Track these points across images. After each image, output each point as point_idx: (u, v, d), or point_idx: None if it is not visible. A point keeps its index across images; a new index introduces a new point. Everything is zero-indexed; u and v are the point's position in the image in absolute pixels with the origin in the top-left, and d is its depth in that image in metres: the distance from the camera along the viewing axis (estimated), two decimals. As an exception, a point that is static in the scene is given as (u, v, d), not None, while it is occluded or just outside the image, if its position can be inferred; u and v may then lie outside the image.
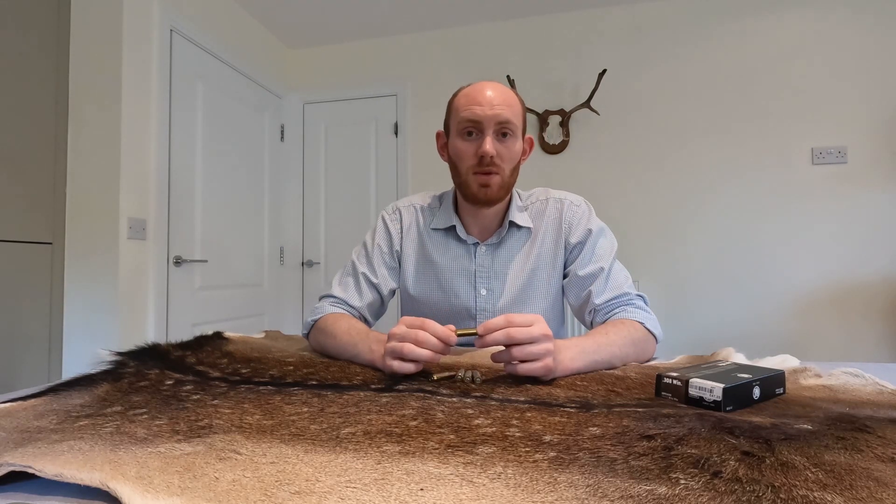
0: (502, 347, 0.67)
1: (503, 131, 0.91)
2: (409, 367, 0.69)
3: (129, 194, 2.02)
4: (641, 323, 0.86)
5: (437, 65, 2.96)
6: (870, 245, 2.38)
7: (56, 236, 1.96)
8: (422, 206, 1.07)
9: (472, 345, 1.00)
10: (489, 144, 0.90)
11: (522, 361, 0.66)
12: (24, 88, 1.83)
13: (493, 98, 0.91)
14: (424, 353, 0.68)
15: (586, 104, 2.65)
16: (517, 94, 0.96)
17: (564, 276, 1.01)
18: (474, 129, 0.92)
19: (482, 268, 1.00)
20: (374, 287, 1.02)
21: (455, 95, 0.97)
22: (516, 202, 1.02)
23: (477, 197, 0.95)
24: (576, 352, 0.73)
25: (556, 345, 0.71)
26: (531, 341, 0.65)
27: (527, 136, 0.99)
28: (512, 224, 1.00)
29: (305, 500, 0.34)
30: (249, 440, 0.45)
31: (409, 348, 0.68)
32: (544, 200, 1.03)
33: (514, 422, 0.50)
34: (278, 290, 3.06)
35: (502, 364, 0.69)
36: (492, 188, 0.93)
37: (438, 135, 1.02)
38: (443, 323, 0.71)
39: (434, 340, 0.68)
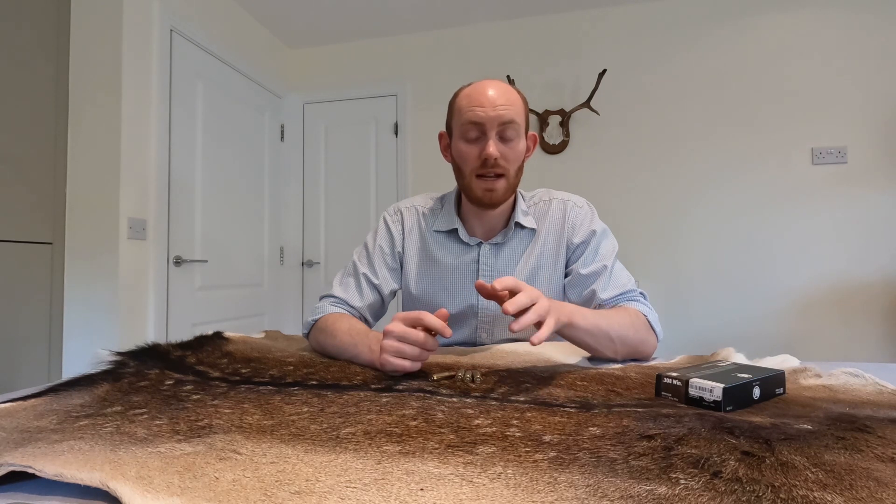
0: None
1: (506, 132, 0.90)
2: (410, 365, 0.69)
3: (129, 194, 2.02)
4: (645, 315, 0.87)
5: (437, 65, 2.96)
6: (870, 245, 2.38)
7: (56, 236, 1.96)
8: (423, 208, 1.07)
9: (471, 344, 1.00)
10: (493, 147, 0.89)
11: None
12: (24, 88, 1.83)
13: (495, 98, 0.89)
14: (424, 353, 0.69)
15: (586, 104, 2.65)
16: (519, 92, 0.95)
17: (566, 276, 1.01)
18: (477, 130, 0.91)
19: (485, 266, 1.00)
20: (375, 288, 1.02)
21: (456, 96, 0.96)
22: (520, 204, 1.02)
23: (482, 201, 0.95)
24: (574, 308, 0.77)
25: (555, 302, 0.74)
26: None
27: (530, 133, 0.98)
28: (517, 225, 1.00)
29: (305, 500, 0.34)
30: (249, 440, 0.45)
31: (405, 348, 0.69)
32: (547, 201, 1.04)
33: (514, 422, 0.50)
34: (278, 290, 3.06)
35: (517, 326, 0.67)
36: (497, 192, 0.93)
37: (441, 136, 1.02)
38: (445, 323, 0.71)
39: (421, 336, 0.69)
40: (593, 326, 0.77)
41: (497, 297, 0.69)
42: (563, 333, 0.77)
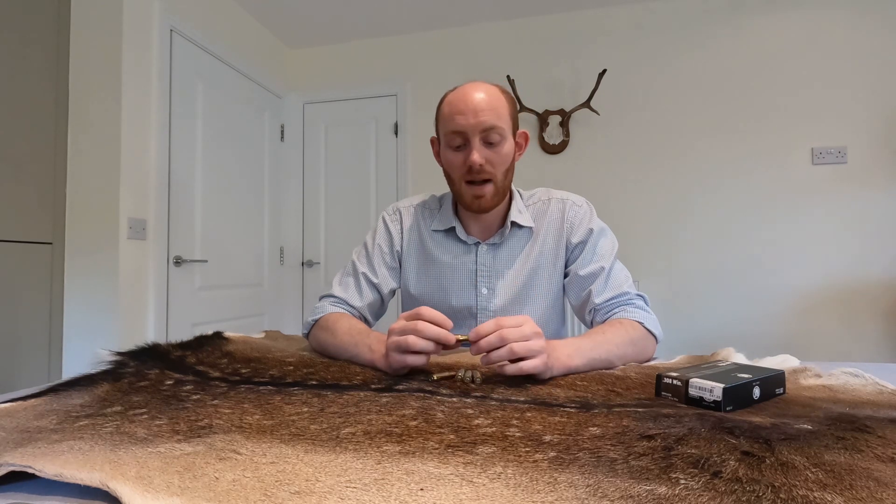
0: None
1: (490, 137, 0.90)
2: (414, 360, 0.69)
3: (129, 194, 2.02)
4: (640, 322, 0.87)
5: (437, 65, 2.96)
6: (870, 245, 2.38)
7: (56, 236, 1.96)
8: (422, 208, 1.07)
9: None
10: (476, 154, 0.89)
11: (520, 359, 0.66)
12: (24, 88, 1.83)
13: (476, 105, 0.89)
14: (427, 343, 0.68)
15: (586, 104, 2.65)
16: (504, 91, 0.94)
17: (565, 276, 1.01)
18: (460, 139, 0.91)
19: (483, 267, 1.01)
20: (375, 287, 1.02)
21: (441, 102, 0.96)
22: (517, 202, 1.02)
23: (471, 207, 0.95)
24: (572, 350, 0.73)
25: (552, 344, 0.72)
26: (524, 339, 0.66)
27: (520, 131, 0.98)
28: (514, 224, 1.00)
29: (305, 500, 0.34)
30: (249, 440, 0.45)
31: (413, 340, 0.68)
32: (546, 200, 1.04)
33: (514, 422, 0.50)
34: (278, 290, 3.06)
35: (496, 366, 0.68)
36: (485, 198, 0.93)
37: (432, 141, 1.02)
38: None
39: (434, 330, 0.68)
40: (592, 361, 0.75)
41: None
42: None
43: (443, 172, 0.99)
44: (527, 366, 0.65)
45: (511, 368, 0.66)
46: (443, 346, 0.69)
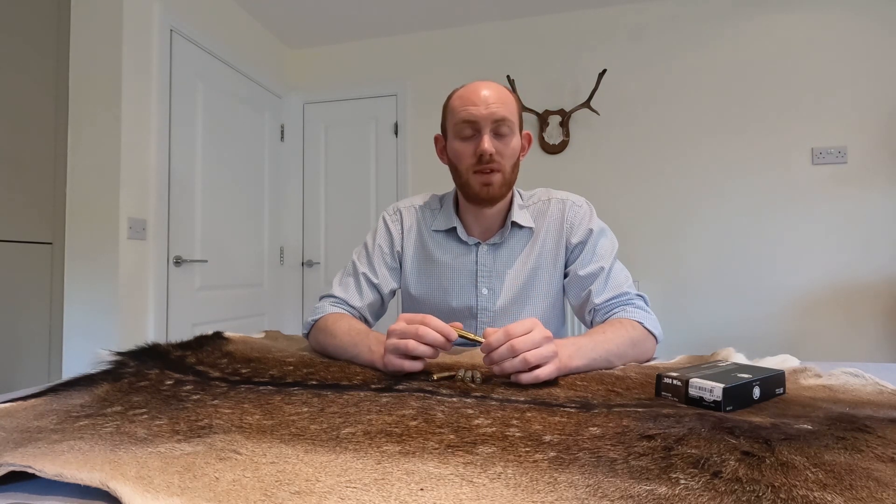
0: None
1: (500, 129, 0.92)
2: (410, 365, 0.69)
3: (129, 194, 2.02)
4: (640, 322, 0.87)
5: (437, 65, 2.96)
6: (869, 245, 2.38)
7: (56, 236, 1.96)
8: (423, 208, 1.07)
9: (471, 344, 1.00)
10: (487, 143, 0.90)
11: (533, 368, 0.65)
12: (24, 88, 1.83)
13: (488, 97, 0.91)
14: (427, 349, 0.68)
15: (586, 104, 2.65)
16: (512, 92, 0.96)
17: (565, 276, 1.01)
18: (471, 129, 0.92)
19: (484, 267, 1.01)
20: (375, 287, 1.02)
21: (450, 97, 0.97)
22: (518, 202, 1.02)
23: (479, 196, 0.95)
24: (573, 350, 0.73)
25: (558, 345, 0.71)
26: (535, 347, 0.65)
27: (524, 132, 0.99)
28: (514, 224, 1.00)
29: (305, 500, 0.34)
30: (249, 440, 0.45)
31: (413, 345, 0.68)
32: (546, 200, 1.04)
33: (514, 422, 0.50)
34: (278, 290, 3.06)
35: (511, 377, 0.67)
36: (493, 186, 0.93)
37: (437, 139, 1.02)
38: (445, 321, 0.71)
39: (435, 335, 0.68)
40: (592, 361, 0.75)
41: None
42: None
43: (449, 168, 0.99)
44: (543, 374, 0.65)
45: (527, 378, 0.65)
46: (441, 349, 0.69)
